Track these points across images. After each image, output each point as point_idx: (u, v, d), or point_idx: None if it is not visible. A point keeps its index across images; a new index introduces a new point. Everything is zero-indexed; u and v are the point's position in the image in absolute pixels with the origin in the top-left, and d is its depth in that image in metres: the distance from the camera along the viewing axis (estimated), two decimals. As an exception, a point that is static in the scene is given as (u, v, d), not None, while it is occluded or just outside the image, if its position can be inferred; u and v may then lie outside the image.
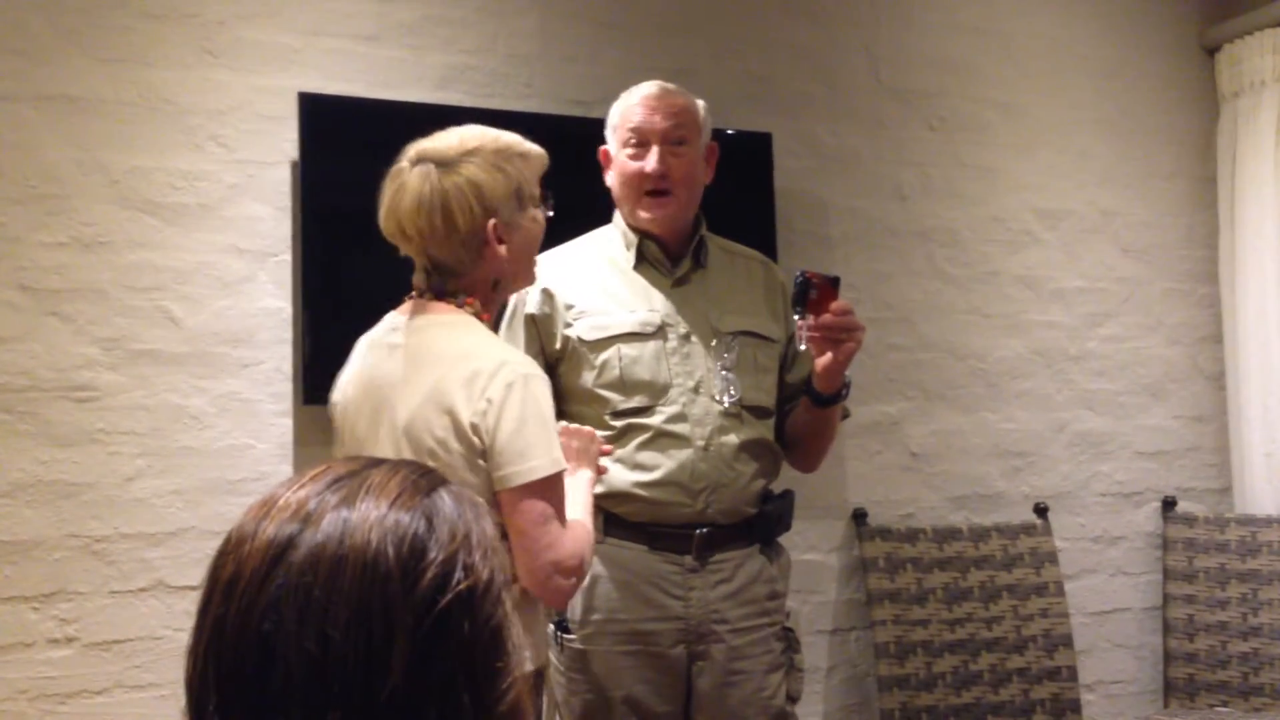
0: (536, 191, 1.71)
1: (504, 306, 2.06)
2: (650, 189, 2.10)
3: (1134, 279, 3.46)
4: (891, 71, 3.23)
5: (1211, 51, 3.58)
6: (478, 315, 1.66)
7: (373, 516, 0.79)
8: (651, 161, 2.08)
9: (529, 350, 2.07)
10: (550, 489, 1.58)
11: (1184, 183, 3.55)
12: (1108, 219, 3.45)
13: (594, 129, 2.23)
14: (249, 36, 2.59)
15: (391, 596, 0.76)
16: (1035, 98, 3.39)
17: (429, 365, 1.61)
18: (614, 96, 2.21)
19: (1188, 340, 3.51)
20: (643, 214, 2.12)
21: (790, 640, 2.16)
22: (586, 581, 2.04)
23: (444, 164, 1.62)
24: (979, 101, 3.32)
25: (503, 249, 1.65)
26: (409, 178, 1.62)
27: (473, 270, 1.65)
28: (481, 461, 1.56)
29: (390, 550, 0.77)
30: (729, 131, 2.82)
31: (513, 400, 1.56)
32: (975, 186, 3.30)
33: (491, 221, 1.62)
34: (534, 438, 1.56)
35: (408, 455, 1.59)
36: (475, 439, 1.56)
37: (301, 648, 0.74)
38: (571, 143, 2.29)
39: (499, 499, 1.56)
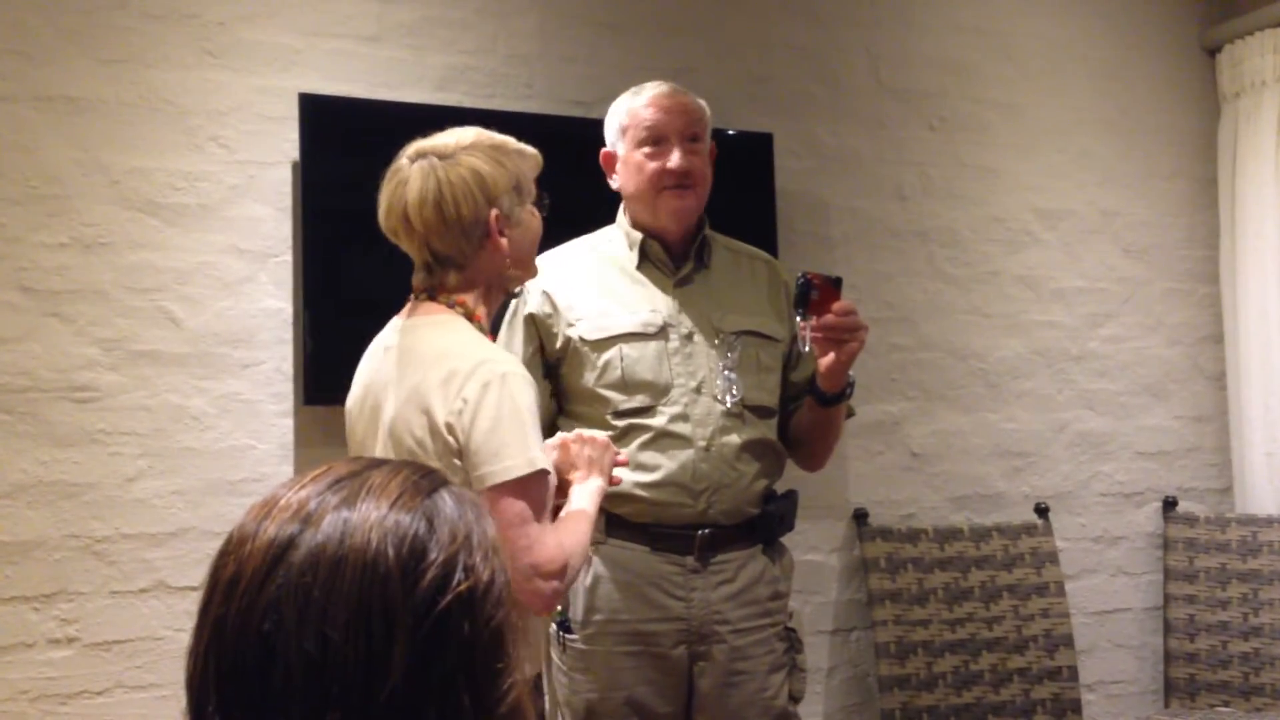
0: (534, 190, 1.72)
1: (506, 304, 2.06)
2: (673, 185, 2.10)
3: (1135, 279, 3.46)
4: (891, 71, 3.23)
5: (1212, 52, 3.57)
6: (469, 315, 1.65)
7: (373, 517, 0.79)
8: (676, 159, 2.09)
9: (527, 348, 2.07)
10: (526, 489, 1.54)
11: (1185, 183, 3.55)
12: (1108, 219, 3.44)
13: (594, 129, 2.23)
14: (249, 37, 2.60)
15: (391, 597, 0.76)
16: (1035, 98, 3.39)
17: (413, 366, 1.61)
18: (614, 97, 2.21)
19: (1188, 340, 3.51)
20: (666, 207, 2.11)
21: (793, 640, 2.16)
22: (588, 581, 2.04)
23: (445, 156, 1.63)
24: (979, 101, 3.32)
25: (504, 241, 1.65)
26: (410, 172, 1.63)
27: (474, 261, 1.65)
28: (458, 461, 1.55)
29: (390, 551, 0.77)
30: (729, 131, 2.82)
31: (489, 400, 1.54)
32: (975, 186, 3.30)
33: (494, 212, 1.63)
34: (510, 437, 1.54)
35: (392, 456, 1.59)
36: (450, 438, 1.55)
37: (301, 648, 0.74)
38: (572, 143, 2.29)
39: None
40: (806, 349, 2.04)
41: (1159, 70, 3.53)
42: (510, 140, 1.70)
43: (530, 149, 1.72)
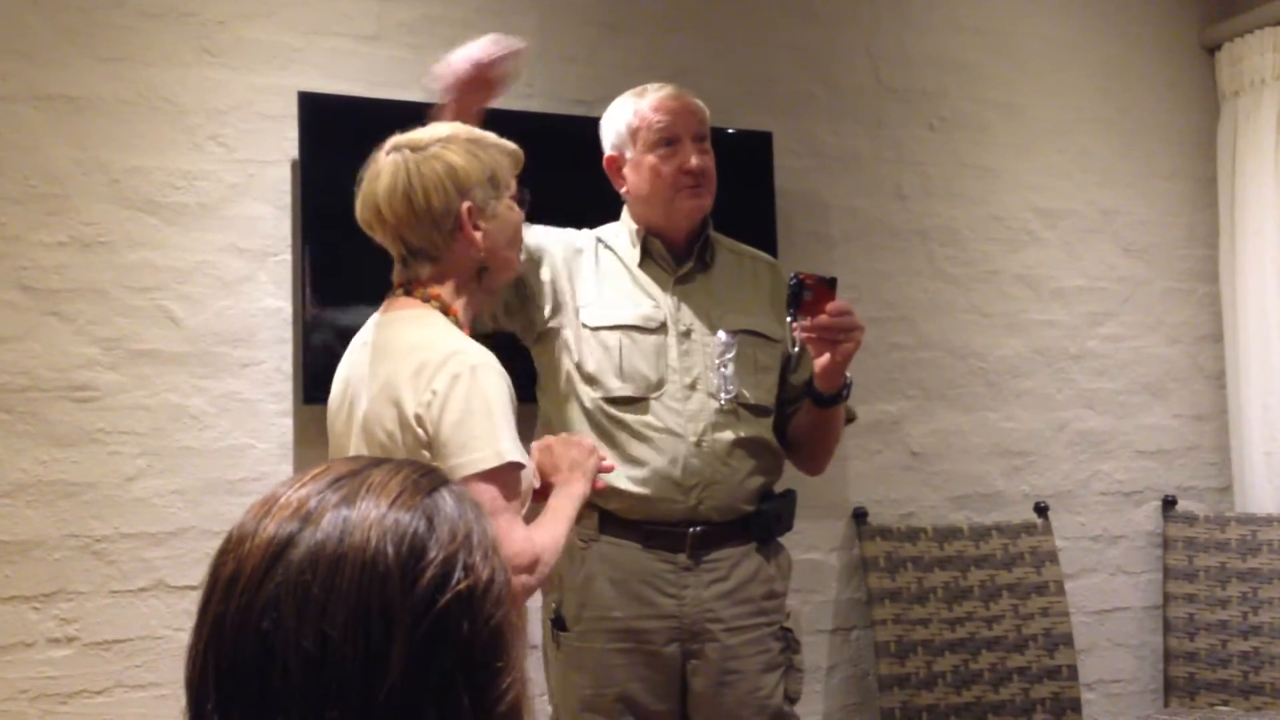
0: (512, 184, 1.71)
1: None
2: (690, 185, 2.11)
3: (1134, 278, 3.46)
4: (891, 71, 3.23)
5: (1211, 50, 3.57)
6: (444, 309, 1.65)
7: (372, 515, 0.79)
8: (694, 159, 2.10)
9: (553, 249, 2.09)
10: (495, 481, 1.53)
11: (1184, 182, 3.55)
12: (1108, 218, 3.44)
13: (594, 128, 2.23)
14: (249, 36, 2.59)
15: (390, 596, 0.76)
16: (1035, 98, 3.39)
17: (386, 360, 1.61)
18: (614, 96, 2.21)
19: (1188, 339, 3.51)
20: (683, 207, 2.12)
21: (789, 640, 2.15)
22: (581, 579, 2.05)
23: (418, 149, 1.63)
24: (979, 101, 3.32)
25: (478, 235, 1.64)
26: (383, 164, 1.63)
27: (447, 254, 1.64)
28: (427, 454, 1.54)
29: (389, 549, 0.77)
30: (729, 131, 2.82)
31: (458, 392, 1.53)
32: (975, 186, 3.30)
33: (465, 204, 1.62)
34: (478, 429, 1.53)
35: (365, 450, 1.59)
36: (419, 430, 1.54)
37: (300, 646, 0.74)
38: (571, 142, 2.29)
39: None
40: (796, 349, 2.05)
41: (1159, 69, 3.53)
42: (490, 135, 1.70)
43: (511, 144, 1.71)
